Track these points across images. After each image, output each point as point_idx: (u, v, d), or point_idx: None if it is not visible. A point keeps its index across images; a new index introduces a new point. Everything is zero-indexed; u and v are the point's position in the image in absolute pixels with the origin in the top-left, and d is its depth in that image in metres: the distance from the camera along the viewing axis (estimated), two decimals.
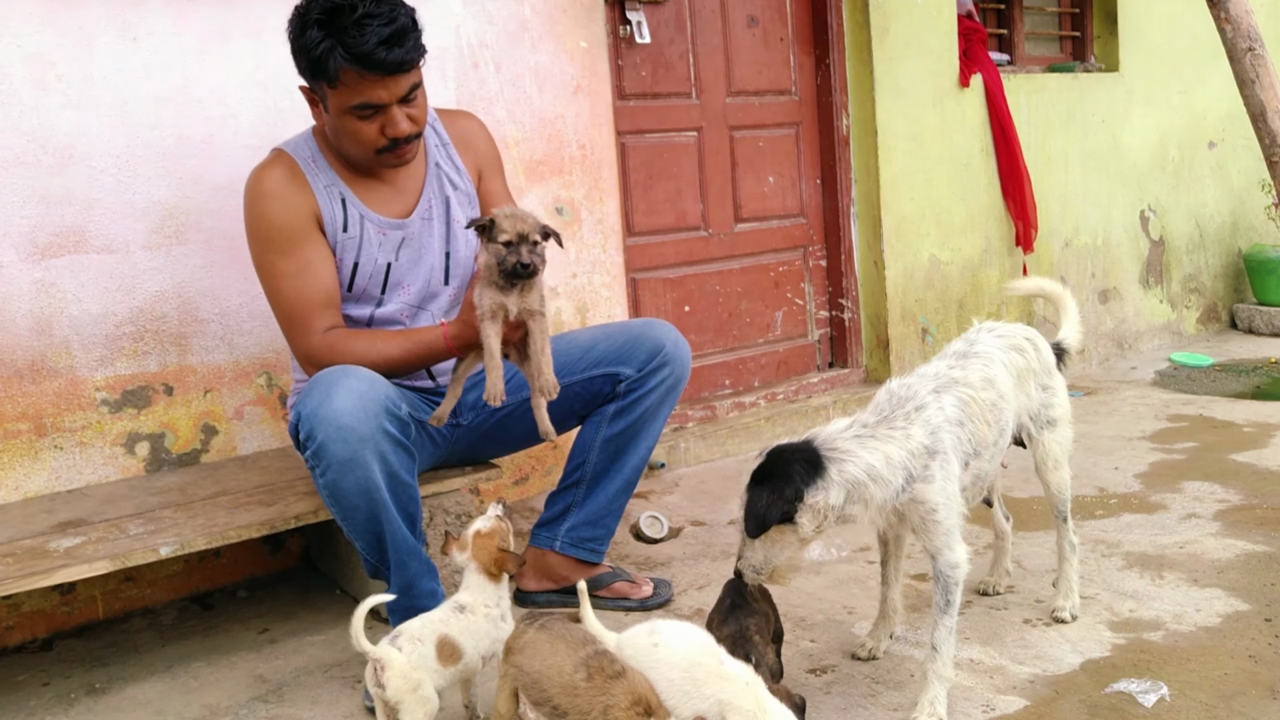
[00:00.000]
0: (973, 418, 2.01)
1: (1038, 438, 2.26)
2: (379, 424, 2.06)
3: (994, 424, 2.06)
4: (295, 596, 2.79)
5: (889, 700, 2.07)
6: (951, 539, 1.96)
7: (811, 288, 4.31)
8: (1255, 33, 3.22)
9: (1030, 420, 2.24)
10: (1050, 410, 2.26)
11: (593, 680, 1.62)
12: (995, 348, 2.16)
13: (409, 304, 2.42)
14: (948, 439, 1.95)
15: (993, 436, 2.06)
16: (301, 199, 2.30)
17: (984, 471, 2.10)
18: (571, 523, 2.59)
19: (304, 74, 2.24)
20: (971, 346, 2.15)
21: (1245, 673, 2.09)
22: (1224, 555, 2.66)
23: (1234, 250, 5.72)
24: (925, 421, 1.93)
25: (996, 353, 2.15)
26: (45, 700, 2.31)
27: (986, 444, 2.05)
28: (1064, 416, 2.28)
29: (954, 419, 1.98)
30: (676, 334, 2.57)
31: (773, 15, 4.09)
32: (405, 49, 2.16)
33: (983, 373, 2.08)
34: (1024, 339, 2.24)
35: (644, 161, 3.80)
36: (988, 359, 2.11)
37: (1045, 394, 2.25)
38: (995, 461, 2.14)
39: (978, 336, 2.21)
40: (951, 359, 2.12)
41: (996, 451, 2.11)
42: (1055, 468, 2.29)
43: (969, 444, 2.00)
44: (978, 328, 2.25)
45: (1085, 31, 5.20)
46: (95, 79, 2.63)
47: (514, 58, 3.29)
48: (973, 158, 4.50)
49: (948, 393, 2.00)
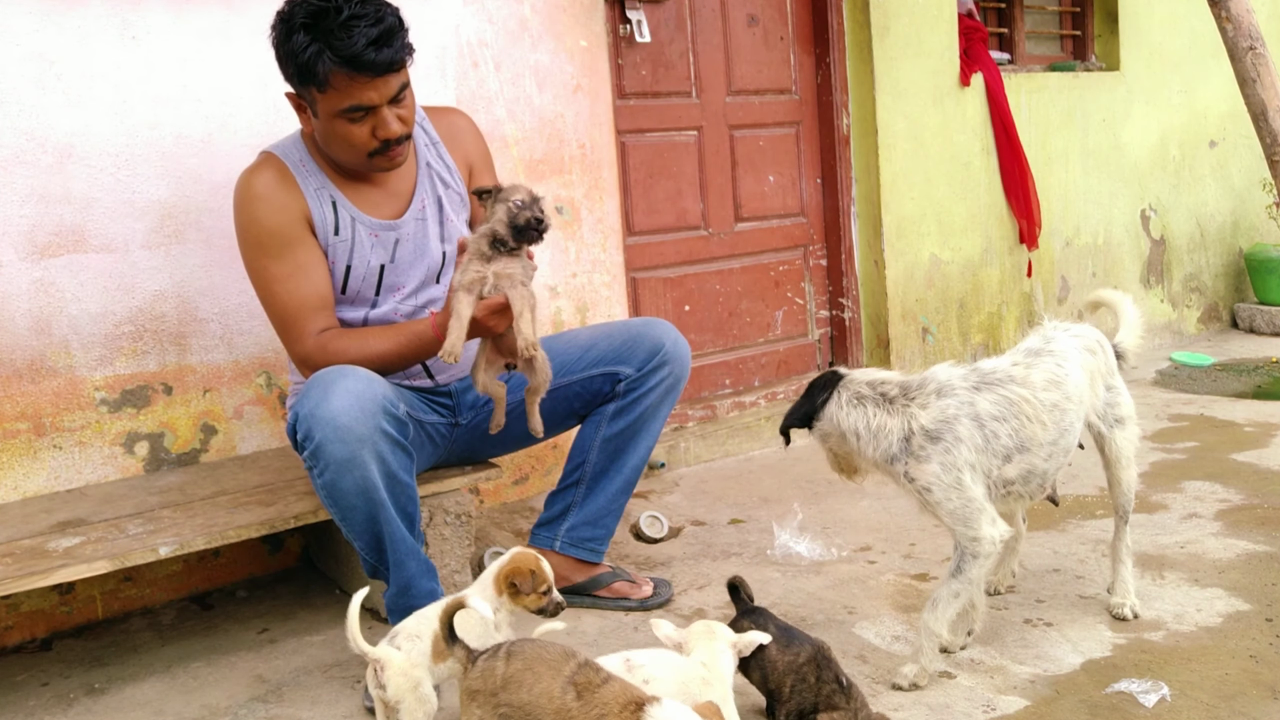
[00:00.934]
0: (1021, 415, 2.07)
1: (1108, 436, 2.30)
2: (377, 424, 2.05)
3: (1052, 424, 2.11)
4: (295, 596, 2.78)
5: (889, 700, 2.07)
6: (965, 518, 2.04)
7: (812, 287, 4.30)
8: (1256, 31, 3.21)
9: (1099, 419, 2.28)
10: (1116, 409, 2.29)
11: (583, 697, 1.62)
12: (1072, 348, 2.21)
13: (405, 305, 2.42)
14: (964, 430, 2.03)
15: (1049, 435, 2.10)
16: (292, 201, 2.29)
17: (1038, 468, 2.13)
18: (571, 522, 2.59)
19: (291, 80, 2.22)
20: (1047, 344, 2.20)
21: (1246, 673, 2.08)
22: (1225, 555, 2.66)
23: (1235, 249, 5.72)
24: (939, 409, 2.04)
25: (1073, 353, 2.20)
26: (44, 700, 2.30)
27: (1039, 442, 2.09)
28: (1130, 415, 2.32)
29: (989, 414, 2.06)
30: (676, 333, 2.57)
31: (773, 14, 4.09)
32: (394, 49, 2.15)
33: (1051, 373, 2.13)
34: (1095, 340, 2.29)
35: (644, 161, 3.79)
36: (1063, 358, 2.17)
37: (1110, 394, 2.29)
38: (1056, 460, 2.16)
39: (1054, 334, 2.24)
40: (1020, 355, 2.18)
41: (1057, 450, 2.14)
42: (1127, 465, 2.32)
43: (1010, 439, 2.07)
44: (1053, 326, 2.28)
45: (1086, 30, 5.20)
46: (95, 78, 2.63)
47: (514, 57, 3.29)
48: (973, 157, 4.50)
49: (992, 390, 2.08)
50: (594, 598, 2.59)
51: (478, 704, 1.70)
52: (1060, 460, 2.18)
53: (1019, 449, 2.08)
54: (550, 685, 1.64)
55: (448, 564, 2.56)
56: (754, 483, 3.53)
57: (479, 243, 2.12)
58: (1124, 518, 2.36)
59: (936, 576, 2.66)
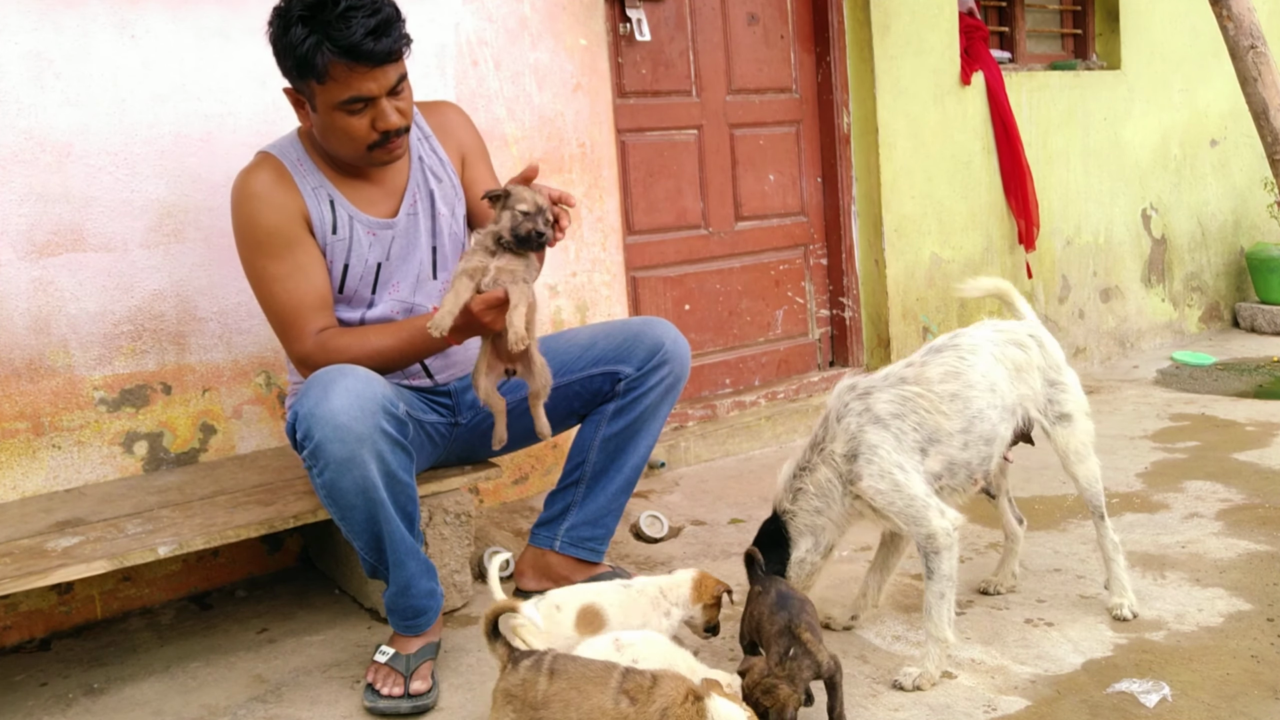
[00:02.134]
0: (919, 409, 2.15)
1: (1052, 432, 2.29)
2: (376, 423, 2.05)
3: (955, 413, 2.15)
4: (294, 596, 2.78)
5: (890, 700, 2.06)
6: (912, 516, 2.10)
7: (812, 286, 4.30)
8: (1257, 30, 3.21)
9: (1040, 415, 2.28)
10: (1060, 405, 2.29)
11: (638, 701, 1.64)
12: (986, 341, 2.24)
13: (401, 303, 2.41)
14: (872, 436, 2.13)
15: (956, 425, 2.15)
16: (290, 201, 2.28)
17: (958, 459, 2.17)
18: (571, 522, 2.58)
19: (290, 74, 2.21)
20: (954, 339, 2.25)
21: (1248, 673, 2.08)
22: (1226, 555, 2.65)
23: (1236, 248, 5.71)
24: (844, 430, 2.15)
25: (985, 345, 2.23)
26: (43, 700, 2.30)
27: (946, 431, 2.15)
28: (1077, 411, 2.30)
29: (889, 414, 2.14)
30: (676, 332, 2.56)
31: (773, 13, 4.08)
32: (392, 39, 2.15)
33: (948, 366, 2.19)
34: (1027, 335, 2.30)
35: (644, 159, 3.79)
36: (970, 350, 2.21)
37: (1054, 389, 2.29)
38: (976, 450, 2.18)
39: (970, 330, 2.29)
40: (920, 354, 2.24)
41: (972, 439, 2.17)
42: (1079, 460, 2.30)
43: (917, 432, 2.14)
44: (983, 325, 2.32)
45: (1087, 29, 5.19)
46: (93, 77, 2.62)
47: (513, 55, 3.28)
48: (974, 156, 4.49)
49: (883, 392, 2.17)
50: None
51: (513, 709, 1.70)
52: (982, 450, 2.20)
53: (930, 441, 2.15)
54: (601, 700, 1.65)
55: (447, 564, 2.56)
56: (754, 482, 3.53)
57: (485, 238, 2.11)
58: (1098, 514, 2.34)
59: None
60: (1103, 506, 2.33)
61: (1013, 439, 2.30)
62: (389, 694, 2.13)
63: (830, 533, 2.21)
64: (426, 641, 2.23)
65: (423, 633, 2.24)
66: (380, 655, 2.20)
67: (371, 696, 2.14)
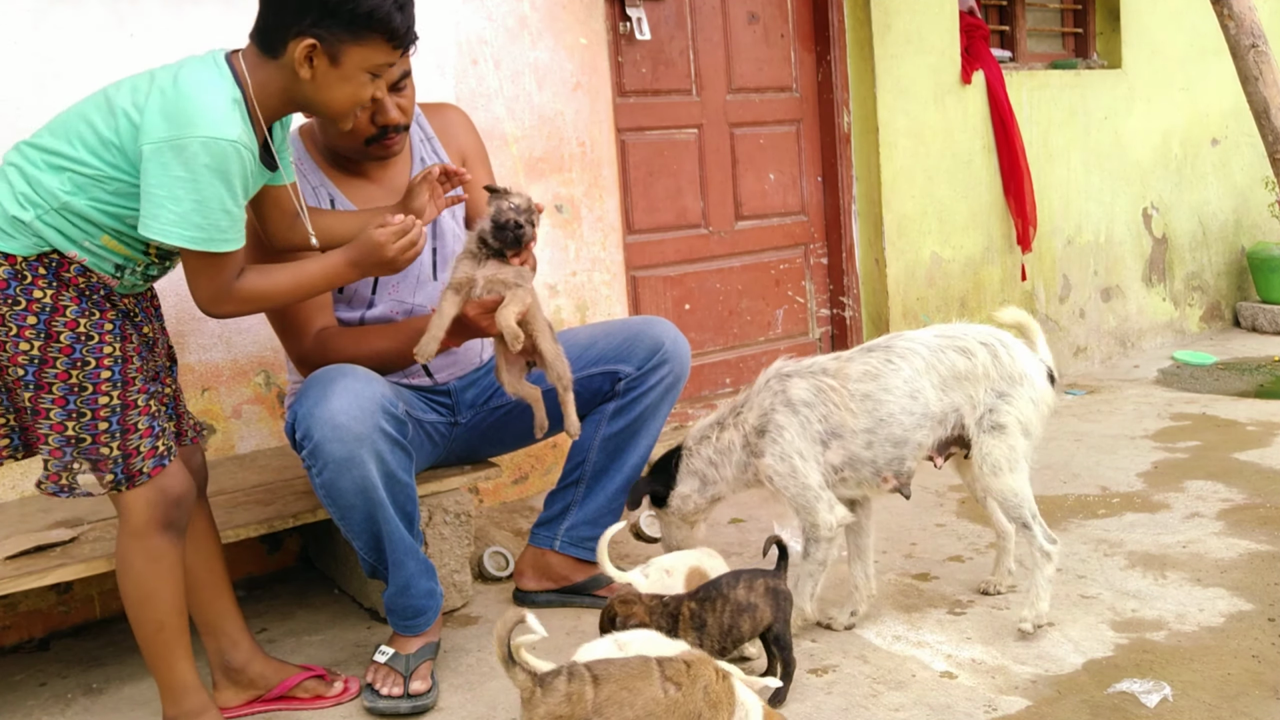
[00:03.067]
0: (829, 402, 2.23)
1: (975, 440, 2.24)
2: (375, 423, 2.04)
3: (863, 412, 2.22)
4: (293, 596, 2.78)
5: (890, 700, 2.06)
6: (802, 504, 2.23)
7: (813, 286, 4.29)
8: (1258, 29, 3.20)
9: (973, 424, 2.24)
10: (996, 415, 2.23)
11: (683, 686, 1.68)
12: (924, 347, 2.25)
13: (400, 303, 2.40)
14: (781, 418, 2.23)
15: (862, 424, 2.22)
16: None
17: (861, 456, 2.22)
18: (571, 522, 2.58)
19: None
20: (891, 340, 2.30)
21: (1249, 673, 2.07)
22: (1227, 555, 2.65)
23: (1237, 248, 5.70)
24: (759, 405, 2.27)
25: (921, 351, 2.25)
26: (42, 700, 2.30)
27: (850, 429, 2.22)
28: (1015, 425, 2.22)
29: (800, 400, 2.23)
30: (676, 331, 2.56)
31: (773, 11, 4.07)
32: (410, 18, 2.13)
33: (869, 367, 2.24)
34: (978, 343, 2.26)
35: (644, 159, 3.78)
36: (901, 355, 2.25)
37: (999, 399, 2.23)
38: (881, 451, 2.22)
39: (914, 333, 2.31)
40: (854, 350, 2.32)
41: (877, 440, 2.22)
42: (993, 473, 2.22)
43: (821, 424, 2.22)
44: (930, 327, 2.34)
45: (1088, 28, 5.18)
46: (92, 76, 2.61)
47: (513, 54, 3.28)
48: (974, 155, 4.49)
49: (803, 379, 2.26)
50: (594, 597, 2.58)
51: None
52: (889, 451, 2.22)
53: (832, 434, 2.22)
54: (654, 692, 1.67)
55: (447, 563, 2.56)
56: None
57: (470, 241, 2.12)
58: (1020, 524, 2.26)
59: (938, 576, 2.65)
60: (1026, 517, 2.24)
61: (942, 446, 2.28)
62: (388, 694, 2.13)
63: (720, 487, 2.33)
64: (426, 641, 2.23)
65: (422, 633, 2.23)
66: (380, 655, 2.20)
67: (371, 696, 2.14)
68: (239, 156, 1.77)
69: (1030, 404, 2.25)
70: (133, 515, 1.87)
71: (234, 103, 1.80)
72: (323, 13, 1.82)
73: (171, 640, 1.92)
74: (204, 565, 2.10)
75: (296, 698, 2.18)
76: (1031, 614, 2.25)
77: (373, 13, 1.84)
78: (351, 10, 1.82)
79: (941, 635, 2.32)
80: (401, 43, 1.94)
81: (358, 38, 1.85)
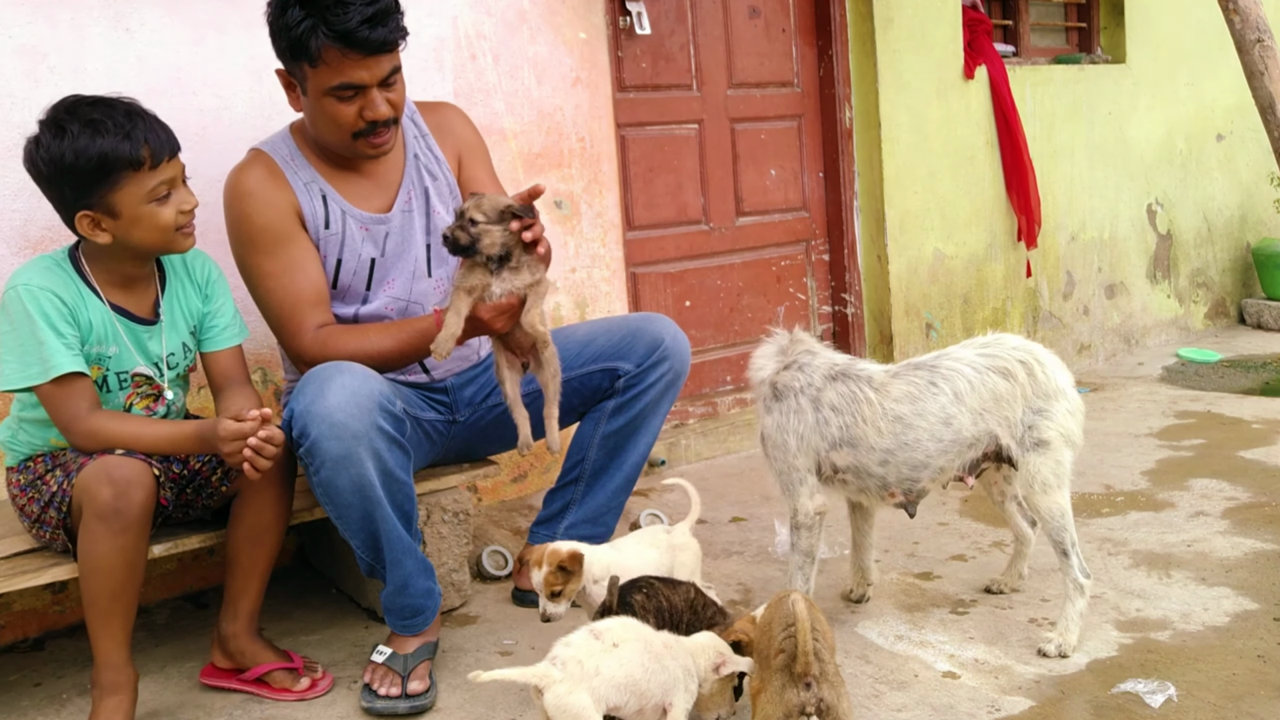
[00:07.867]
0: (858, 414, 2.18)
1: (1020, 459, 2.20)
2: (373, 420, 2.03)
3: (889, 434, 2.17)
4: (290, 595, 2.76)
5: (893, 701, 2.04)
6: (785, 484, 2.25)
7: (814, 282, 4.27)
8: (1264, 24, 3.18)
9: (1013, 442, 2.20)
10: (1039, 431, 2.18)
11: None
12: (969, 367, 2.19)
13: (396, 299, 2.39)
14: (798, 402, 2.21)
15: (884, 443, 2.18)
16: (282, 196, 2.28)
17: (871, 470, 2.20)
18: (571, 520, 2.56)
19: (283, 55, 2.21)
20: (938, 359, 2.23)
21: (1254, 673, 2.05)
22: (1232, 554, 2.63)
23: (1242, 244, 5.67)
24: (791, 377, 2.22)
25: (964, 371, 2.19)
26: (37, 700, 2.29)
27: (870, 445, 2.18)
28: (1059, 439, 2.18)
29: (829, 403, 2.19)
30: (676, 328, 2.54)
31: (775, 6, 4.05)
32: (388, 29, 2.15)
33: (915, 388, 2.18)
34: (1017, 361, 2.20)
35: (644, 154, 3.76)
36: (945, 376, 2.19)
37: (1038, 416, 2.18)
38: (895, 470, 2.19)
39: (958, 352, 2.23)
40: (904, 366, 2.25)
41: (895, 461, 2.18)
42: (1043, 491, 2.19)
43: (840, 431, 2.19)
44: (974, 340, 2.26)
45: (1092, 23, 5.15)
46: (88, 71, 2.60)
47: (512, 49, 3.25)
48: (977, 150, 4.46)
49: (844, 384, 2.20)
50: None
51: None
52: (903, 472, 2.20)
53: (847, 442, 2.19)
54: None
55: (445, 562, 2.54)
56: (755, 480, 3.50)
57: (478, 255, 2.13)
58: (1060, 551, 2.21)
59: (940, 575, 2.63)
60: (1068, 543, 2.20)
61: (972, 466, 2.24)
62: (386, 694, 2.11)
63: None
64: (424, 641, 2.21)
65: (420, 632, 2.22)
66: (377, 655, 2.18)
67: (369, 697, 2.12)
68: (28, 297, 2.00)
69: (1068, 416, 2.21)
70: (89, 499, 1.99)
71: (55, 264, 2.08)
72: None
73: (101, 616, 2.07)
74: (247, 546, 2.21)
75: (268, 685, 2.22)
76: (1058, 640, 2.19)
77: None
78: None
79: (944, 635, 2.30)
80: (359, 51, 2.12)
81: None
